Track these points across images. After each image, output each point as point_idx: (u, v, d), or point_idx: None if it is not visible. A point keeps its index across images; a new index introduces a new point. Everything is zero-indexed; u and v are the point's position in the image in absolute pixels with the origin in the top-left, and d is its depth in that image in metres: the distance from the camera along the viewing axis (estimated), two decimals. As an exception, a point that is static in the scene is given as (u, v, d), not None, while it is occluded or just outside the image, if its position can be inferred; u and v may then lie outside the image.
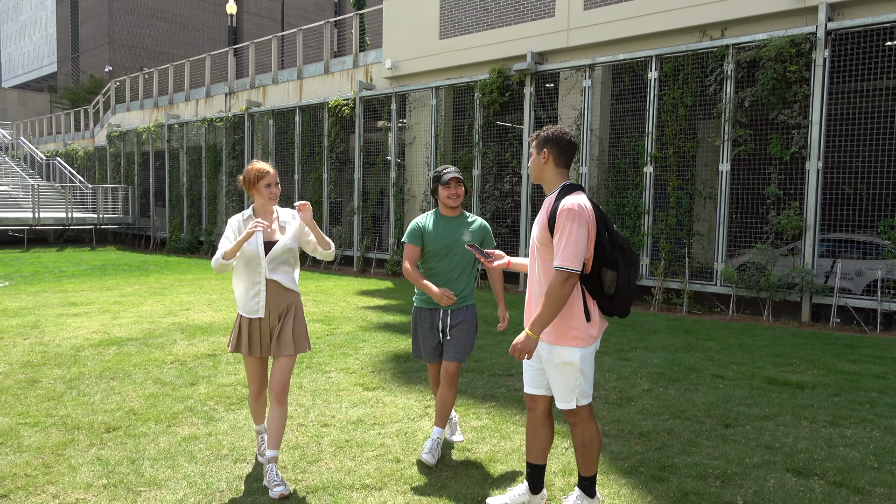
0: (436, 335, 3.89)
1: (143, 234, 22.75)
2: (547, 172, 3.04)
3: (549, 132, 3.03)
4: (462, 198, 3.85)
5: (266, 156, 17.18)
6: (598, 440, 3.08)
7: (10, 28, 52.58)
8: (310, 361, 6.10)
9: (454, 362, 3.80)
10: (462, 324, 3.85)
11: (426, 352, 3.96)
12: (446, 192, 3.81)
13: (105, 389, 5.13)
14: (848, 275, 8.89)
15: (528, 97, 11.80)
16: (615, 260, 2.91)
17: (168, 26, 40.92)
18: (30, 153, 28.76)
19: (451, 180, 3.79)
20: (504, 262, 3.45)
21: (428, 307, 3.90)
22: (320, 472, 3.64)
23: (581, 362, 2.93)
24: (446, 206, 3.85)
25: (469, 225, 3.89)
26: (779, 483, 3.55)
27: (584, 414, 3.03)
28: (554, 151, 3.01)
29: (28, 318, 8.03)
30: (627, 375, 5.75)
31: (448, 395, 3.80)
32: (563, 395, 2.98)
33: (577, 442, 3.08)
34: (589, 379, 2.99)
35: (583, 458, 3.09)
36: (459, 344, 3.82)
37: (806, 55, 8.82)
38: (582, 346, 2.92)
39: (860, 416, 4.69)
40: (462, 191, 3.84)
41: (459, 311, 3.88)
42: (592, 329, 2.95)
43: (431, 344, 3.91)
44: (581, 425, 3.04)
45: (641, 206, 10.33)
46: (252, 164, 3.54)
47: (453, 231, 3.84)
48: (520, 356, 2.88)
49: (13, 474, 3.53)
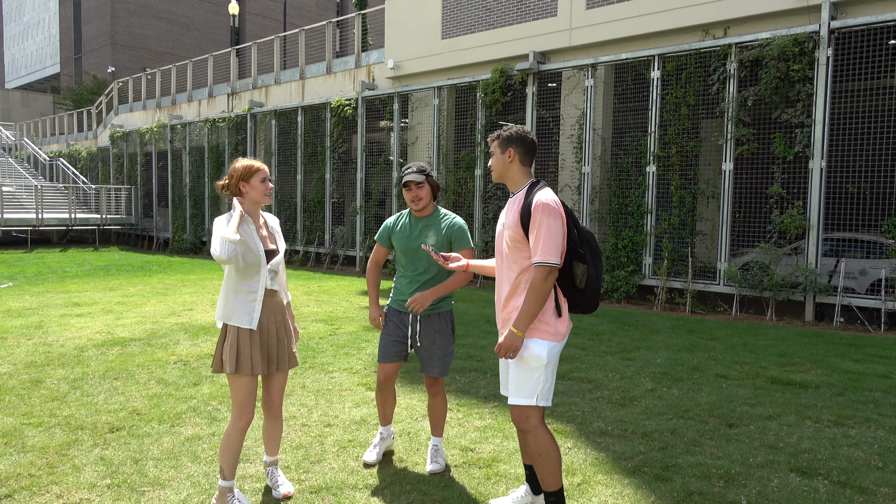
0: (401, 333, 3.66)
1: (146, 235, 22.79)
2: (512, 171, 3.02)
3: (511, 131, 3.01)
4: (425, 200, 3.59)
5: (268, 156, 17.20)
6: (556, 449, 2.89)
7: (13, 29, 52.70)
8: (312, 361, 6.11)
9: (432, 376, 3.67)
10: (436, 334, 3.63)
11: (386, 352, 3.67)
12: (408, 195, 3.59)
13: (108, 390, 5.14)
14: (852, 274, 8.87)
15: (530, 97, 11.80)
16: (584, 253, 2.90)
17: (170, 27, 40.98)
18: (33, 154, 28.84)
19: (410, 182, 3.56)
20: (462, 265, 3.34)
21: (398, 308, 3.70)
22: (323, 472, 3.64)
23: (548, 356, 2.86)
24: (411, 208, 3.66)
25: (439, 225, 3.64)
26: (783, 483, 3.54)
27: (535, 420, 2.88)
28: (519, 150, 2.99)
29: (32, 319, 8.05)
30: (630, 375, 5.74)
31: (439, 404, 3.73)
32: (525, 389, 2.86)
33: (531, 452, 2.90)
34: (551, 380, 2.90)
35: (542, 470, 2.89)
36: (437, 358, 3.63)
37: (809, 54, 8.80)
38: (551, 340, 2.87)
39: (864, 415, 4.68)
40: (424, 192, 3.57)
41: (430, 318, 3.64)
42: (562, 325, 2.90)
43: (396, 345, 3.65)
44: (533, 433, 2.88)
45: (644, 206, 10.31)
46: (236, 162, 3.22)
47: (422, 231, 3.64)
48: (506, 354, 2.84)
49: (17, 474, 3.54)
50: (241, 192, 3.18)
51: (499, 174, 3.06)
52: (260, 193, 3.18)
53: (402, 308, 3.66)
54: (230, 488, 3.14)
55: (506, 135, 3.02)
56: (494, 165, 3.06)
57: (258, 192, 3.17)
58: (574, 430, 4.35)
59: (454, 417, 4.59)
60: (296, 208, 16.42)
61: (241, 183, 3.16)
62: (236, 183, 3.16)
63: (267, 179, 3.20)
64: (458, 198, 13.08)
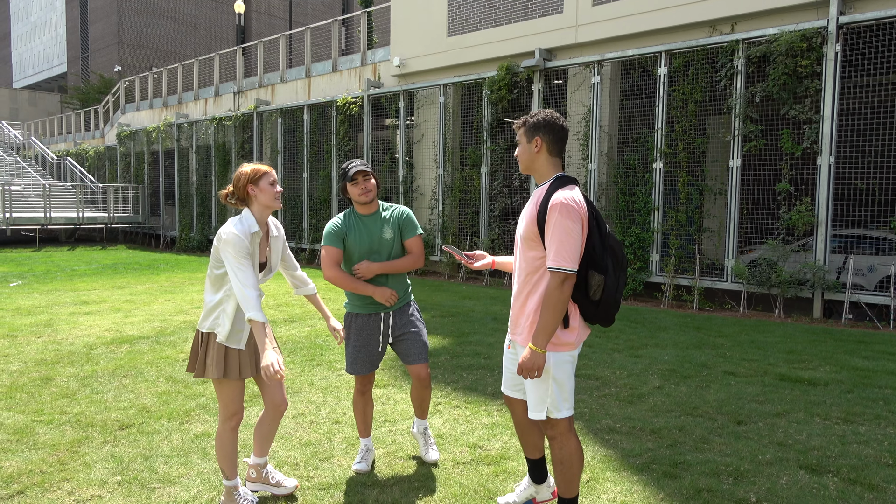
0: (378, 342, 3.54)
1: (154, 233, 22.89)
2: (539, 162, 2.77)
3: (539, 117, 2.75)
4: (374, 192, 3.43)
5: (275, 154, 17.24)
6: (579, 458, 2.77)
7: (20, 29, 52.96)
8: (320, 359, 6.13)
9: (423, 364, 3.56)
10: (411, 323, 3.56)
11: (364, 363, 3.54)
12: (356, 188, 3.40)
13: (118, 387, 5.17)
14: (860, 271, 8.82)
15: (536, 94, 11.77)
16: (604, 263, 2.66)
17: (177, 26, 41.10)
18: (41, 153, 29.00)
19: (358, 174, 3.39)
20: (488, 263, 3.21)
21: (367, 312, 3.53)
22: (332, 468, 3.66)
23: (554, 369, 2.68)
24: (359, 202, 3.45)
25: (388, 218, 3.52)
26: (792, 480, 3.53)
27: (562, 428, 2.74)
28: (547, 138, 2.74)
29: (41, 317, 8.10)
30: (638, 372, 5.73)
31: (426, 394, 3.68)
32: (534, 403, 2.75)
33: (554, 458, 2.80)
34: (564, 390, 2.72)
35: (560, 477, 2.81)
36: (420, 344, 3.56)
37: (817, 49, 8.75)
38: (556, 351, 2.69)
39: (874, 412, 4.66)
40: (372, 184, 3.42)
41: (402, 310, 3.58)
42: (570, 335, 2.71)
43: (373, 352, 3.55)
44: (558, 440, 2.75)
45: (651, 203, 10.28)
46: (241, 168, 3.04)
47: (376, 229, 3.48)
48: (529, 375, 2.63)
49: (29, 471, 3.57)
50: (249, 197, 3.02)
51: (525, 165, 2.81)
52: (269, 197, 3.01)
53: (373, 309, 3.51)
54: (235, 487, 3.13)
55: (532, 121, 2.76)
56: (520, 155, 2.81)
57: (268, 195, 3.01)
58: (582, 427, 4.35)
59: (462, 415, 4.59)
60: (302, 206, 16.45)
61: (249, 186, 3.00)
62: (244, 186, 3.00)
63: (276, 183, 3.06)
64: (464, 195, 13.07)
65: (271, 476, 3.34)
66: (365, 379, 3.63)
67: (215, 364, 2.98)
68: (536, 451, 3.12)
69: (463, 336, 7.21)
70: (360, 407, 3.68)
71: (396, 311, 3.58)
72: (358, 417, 3.70)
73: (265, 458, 3.34)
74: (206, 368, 3.02)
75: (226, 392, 3.05)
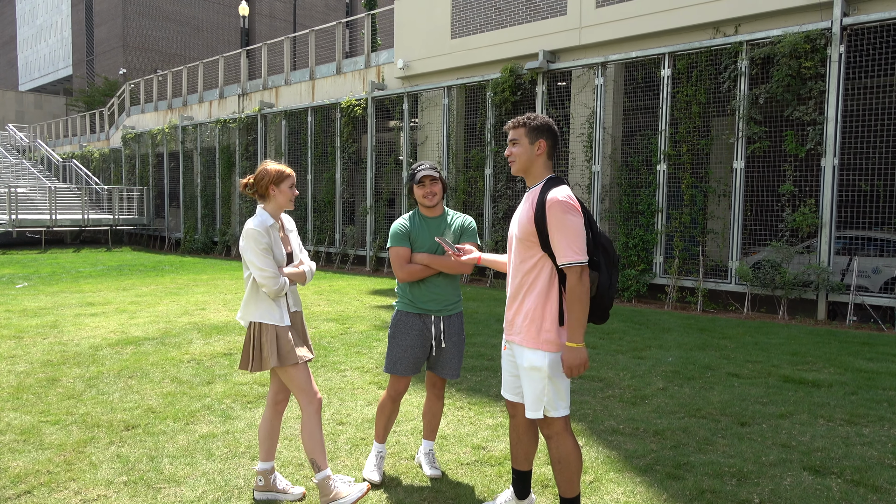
0: (426, 344, 3.51)
1: (158, 235, 22.97)
2: (538, 164, 2.80)
3: (541, 121, 2.78)
4: (439, 196, 3.50)
5: (279, 156, 17.28)
6: (577, 458, 2.79)
7: (26, 32, 53.25)
8: (325, 360, 6.15)
9: (452, 378, 3.57)
10: (455, 336, 3.55)
11: (408, 364, 3.49)
12: (421, 191, 3.47)
13: (123, 388, 5.20)
14: (864, 272, 8.80)
15: (540, 96, 11.79)
16: (597, 260, 2.73)
17: (181, 29, 41.27)
18: (46, 155, 29.15)
19: (425, 178, 3.44)
20: (474, 258, 3.26)
21: (418, 312, 3.51)
22: (336, 469, 3.67)
23: (550, 369, 2.70)
24: (424, 205, 3.52)
25: (451, 224, 3.57)
26: (795, 481, 3.53)
27: (558, 427, 2.76)
28: (549, 143, 2.79)
29: (47, 318, 8.14)
30: (642, 374, 5.74)
31: (439, 407, 3.67)
32: (531, 402, 2.77)
33: (552, 457, 2.82)
34: (560, 389, 2.75)
35: (559, 476, 2.82)
36: (456, 360, 3.55)
37: (821, 51, 8.74)
38: (552, 350, 2.71)
39: (878, 414, 4.65)
40: (438, 188, 3.48)
41: (451, 318, 3.56)
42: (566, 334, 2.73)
43: (419, 354, 3.50)
44: (555, 439, 2.78)
45: (655, 204, 10.28)
46: (266, 164, 3.22)
47: (438, 232, 3.53)
48: (577, 372, 2.65)
49: (36, 471, 3.60)
50: (269, 195, 3.20)
51: (523, 166, 2.82)
52: (287, 199, 3.22)
53: (424, 309, 3.50)
54: (329, 476, 3.17)
55: (536, 124, 2.77)
56: (519, 156, 2.81)
57: (286, 197, 3.22)
58: (585, 428, 4.36)
59: (466, 416, 4.61)
60: (306, 208, 16.49)
61: (271, 186, 3.18)
62: (267, 185, 3.18)
63: (294, 186, 3.25)
64: (468, 197, 13.09)
65: (278, 482, 3.36)
66: (401, 382, 3.55)
67: (271, 354, 3.13)
68: (526, 463, 3.07)
69: (467, 337, 7.20)
70: (386, 412, 3.61)
71: (446, 317, 3.54)
72: (381, 422, 3.63)
73: (272, 462, 3.36)
74: (264, 361, 3.16)
75: (295, 378, 3.18)
